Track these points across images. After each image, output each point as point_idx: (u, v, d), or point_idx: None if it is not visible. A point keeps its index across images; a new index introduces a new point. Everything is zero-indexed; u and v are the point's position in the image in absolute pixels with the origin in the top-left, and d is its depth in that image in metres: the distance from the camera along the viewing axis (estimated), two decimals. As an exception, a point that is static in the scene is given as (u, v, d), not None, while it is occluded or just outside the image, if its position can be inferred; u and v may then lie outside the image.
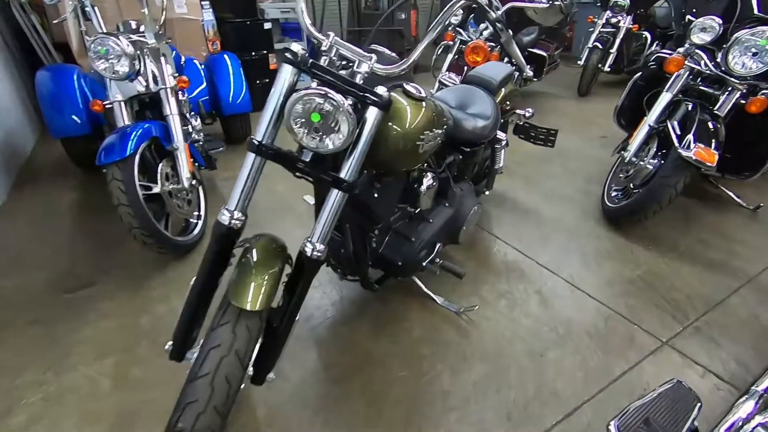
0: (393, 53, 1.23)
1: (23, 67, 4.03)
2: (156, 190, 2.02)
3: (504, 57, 3.75)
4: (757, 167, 2.28)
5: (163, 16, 2.27)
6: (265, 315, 1.08)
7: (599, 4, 4.84)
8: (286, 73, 1.02)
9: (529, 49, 4.28)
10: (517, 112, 2.33)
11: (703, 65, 2.08)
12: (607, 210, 2.42)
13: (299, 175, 1.13)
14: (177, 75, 2.22)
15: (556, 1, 3.98)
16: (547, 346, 1.64)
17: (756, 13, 1.92)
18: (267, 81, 4.46)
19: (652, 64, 2.39)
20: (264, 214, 2.49)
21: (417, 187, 1.53)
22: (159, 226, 1.98)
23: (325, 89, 0.98)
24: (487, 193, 2.36)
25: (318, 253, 1.11)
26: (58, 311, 1.84)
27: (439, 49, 4.13)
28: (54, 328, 1.75)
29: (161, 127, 2.11)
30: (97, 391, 1.48)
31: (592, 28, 4.71)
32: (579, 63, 4.74)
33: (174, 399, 0.94)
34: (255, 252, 1.07)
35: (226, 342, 0.90)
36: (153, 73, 2.16)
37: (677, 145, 1.95)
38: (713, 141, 1.94)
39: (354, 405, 1.43)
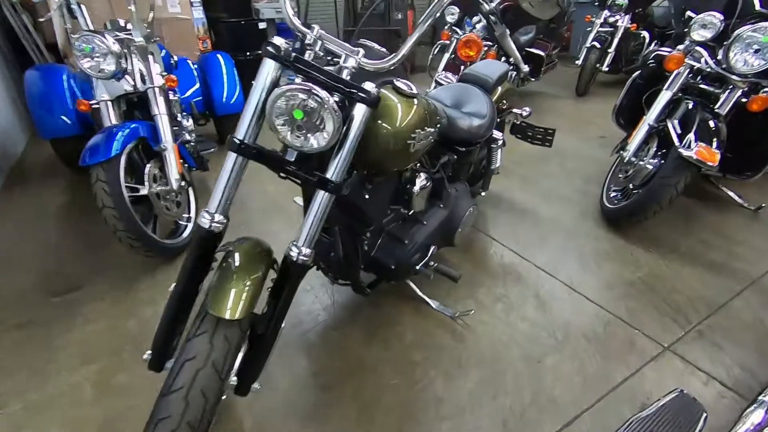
0: (382, 48, 1.18)
1: (14, 67, 3.98)
2: (143, 191, 1.97)
3: (501, 57, 3.71)
4: (759, 167, 2.24)
5: (151, 14, 2.22)
6: (247, 323, 1.03)
7: (597, 4, 4.81)
8: (269, 68, 0.97)
9: (527, 48, 4.23)
10: (513, 111, 2.28)
11: (703, 63, 2.04)
12: (606, 211, 2.38)
13: (284, 175, 1.08)
14: (165, 74, 2.17)
15: None
16: (545, 351, 1.59)
17: (758, 8, 1.88)
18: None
19: (652, 62, 2.35)
20: (254, 215, 2.43)
21: (410, 187, 1.48)
22: (146, 228, 1.93)
23: (309, 85, 0.93)
24: (483, 193, 2.31)
25: (304, 258, 1.06)
26: (44, 315, 1.78)
27: (436, 49, 4.09)
28: (39, 332, 1.70)
29: (149, 127, 2.06)
30: (81, 398, 1.43)
31: (589, 28, 4.67)
32: (577, 63, 4.70)
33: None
34: (237, 256, 1.02)
35: (202, 353, 0.85)
36: (141, 71, 2.11)
37: (678, 144, 1.91)
38: (714, 140, 1.89)
39: (345, 412, 1.38)
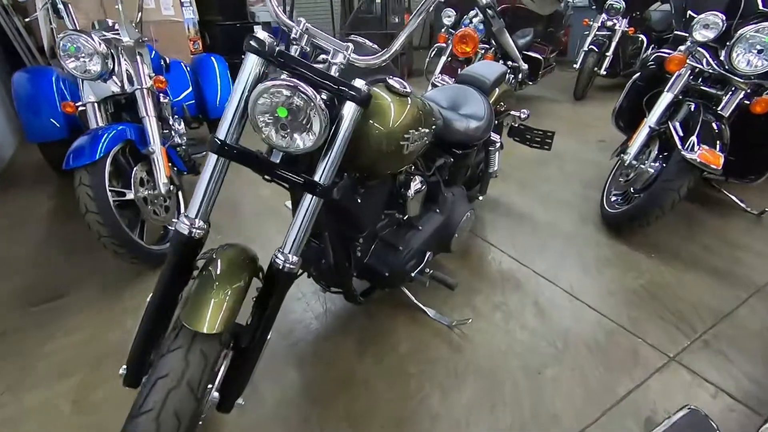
0: (374, 45, 1.12)
1: (4, 69, 3.91)
2: (130, 196, 1.91)
3: (499, 59, 3.66)
4: (763, 170, 2.19)
5: (139, 14, 2.17)
6: (228, 337, 0.97)
7: (594, 7, 4.78)
8: (251, 64, 0.91)
9: (524, 51, 4.19)
10: (511, 113, 2.23)
11: (705, 63, 1.99)
12: (606, 215, 2.32)
13: (269, 178, 1.01)
14: (154, 75, 2.11)
15: None
16: (545, 361, 1.52)
17: (761, 8, 1.83)
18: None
19: (652, 63, 2.30)
20: (247, 220, 2.36)
21: (404, 191, 1.42)
22: (132, 234, 1.86)
23: (294, 81, 0.87)
24: (480, 198, 2.25)
25: (291, 266, 1.00)
26: (22, 325, 1.71)
27: (432, 52, 4.04)
28: (16, 344, 1.63)
29: (137, 129, 2.00)
30: (57, 414, 1.36)
31: (587, 32, 4.64)
32: (575, 67, 4.66)
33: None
34: (219, 264, 0.96)
35: (176, 371, 0.78)
36: (128, 73, 2.05)
37: (680, 147, 1.85)
38: (718, 142, 1.84)
39: (336, 428, 1.31)
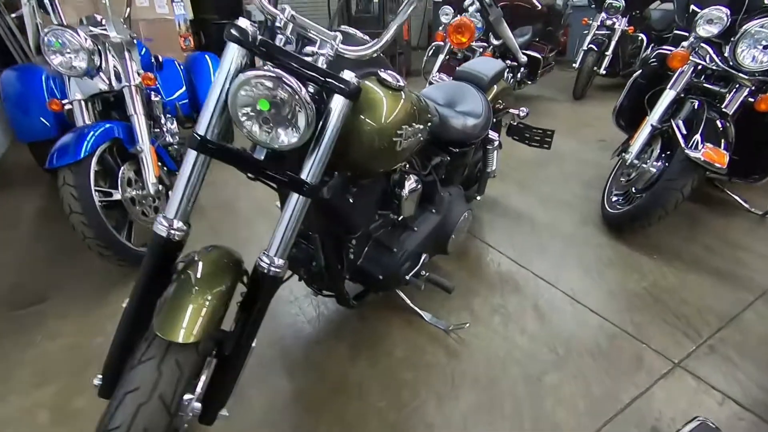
0: (365, 36, 1.06)
1: (-4, 68, 3.85)
2: (117, 196, 1.85)
3: (498, 57, 3.61)
4: (767, 170, 2.14)
5: (127, 9, 2.11)
6: (210, 344, 0.91)
7: (594, 6, 4.73)
8: (232, 54, 0.85)
9: (523, 50, 4.14)
10: (510, 111, 2.17)
11: (708, 60, 1.94)
12: (607, 216, 2.27)
13: (252, 176, 0.96)
14: (142, 72, 2.05)
15: None
16: (545, 368, 1.47)
17: (767, 3, 1.78)
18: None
19: (654, 60, 2.25)
20: (239, 221, 2.31)
21: (398, 191, 1.36)
22: (119, 236, 1.80)
23: (278, 71, 0.81)
24: (478, 198, 2.19)
25: (276, 269, 0.94)
26: (2, 329, 1.65)
27: (430, 51, 3.99)
28: (-5, 350, 1.56)
29: (125, 128, 1.94)
30: (34, 423, 1.30)
31: (586, 31, 4.60)
32: (574, 66, 4.61)
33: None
34: (199, 267, 0.90)
35: (147, 384, 0.72)
36: (116, 69, 2.00)
37: (684, 145, 1.80)
38: (722, 141, 1.78)
39: (326, 440, 1.25)
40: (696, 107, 1.93)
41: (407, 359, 1.51)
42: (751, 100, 1.92)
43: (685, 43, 1.96)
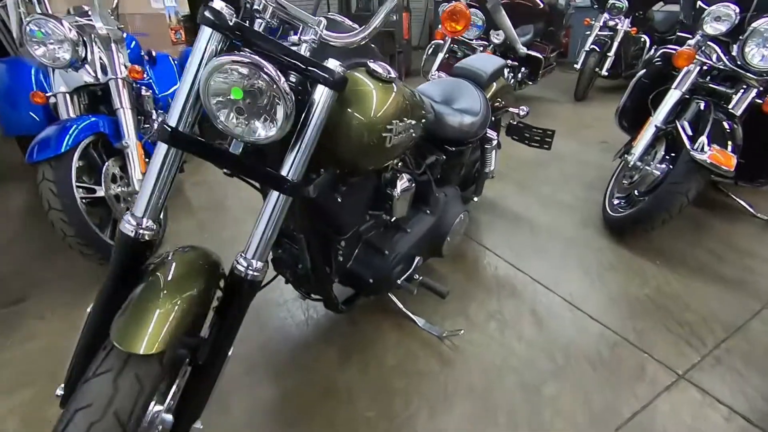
0: (354, 24, 1.00)
1: (-13, 61, 3.79)
2: (100, 193, 1.78)
3: (498, 55, 3.54)
4: (774, 174, 2.08)
5: (116, 1, 2.04)
6: (182, 353, 0.84)
7: (596, 7, 4.67)
8: (206, 39, 0.78)
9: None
10: (510, 110, 2.11)
11: (716, 59, 1.87)
12: (609, 219, 2.20)
13: (229, 172, 0.89)
14: (129, 65, 1.99)
15: None
16: (544, 378, 1.40)
17: (777, -1, 1.73)
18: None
19: (658, 60, 2.19)
20: (227, 221, 2.24)
21: (390, 190, 1.29)
22: (102, 234, 1.74)
23: (255, 57, 0.75)
24: (476, 199, 2.12)
25: (254, 273, 0.88)
26: (-23, 331, 1.58)
27: (430, 49, 3.92)
28: (-32, 353, 1.50)
29: (111, 122, 1.88)
30: (3, 432, 1.23)
31: (588, 32, 4.53)
32: (575, 67, 4.55)
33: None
34: (171, 269, 0.83)
35: (101, 400, 0.65)
36: (102, 62, 1.93)
37: (689, 147, 1.73)
38: (729, 143, 1.72)
39: (311, 452, 1.19)
40: (702, 108, 1.86)
41: (399, 366, 1.44)
42: (758, 101, 1.86)
43: (691, 41, 1.89)
